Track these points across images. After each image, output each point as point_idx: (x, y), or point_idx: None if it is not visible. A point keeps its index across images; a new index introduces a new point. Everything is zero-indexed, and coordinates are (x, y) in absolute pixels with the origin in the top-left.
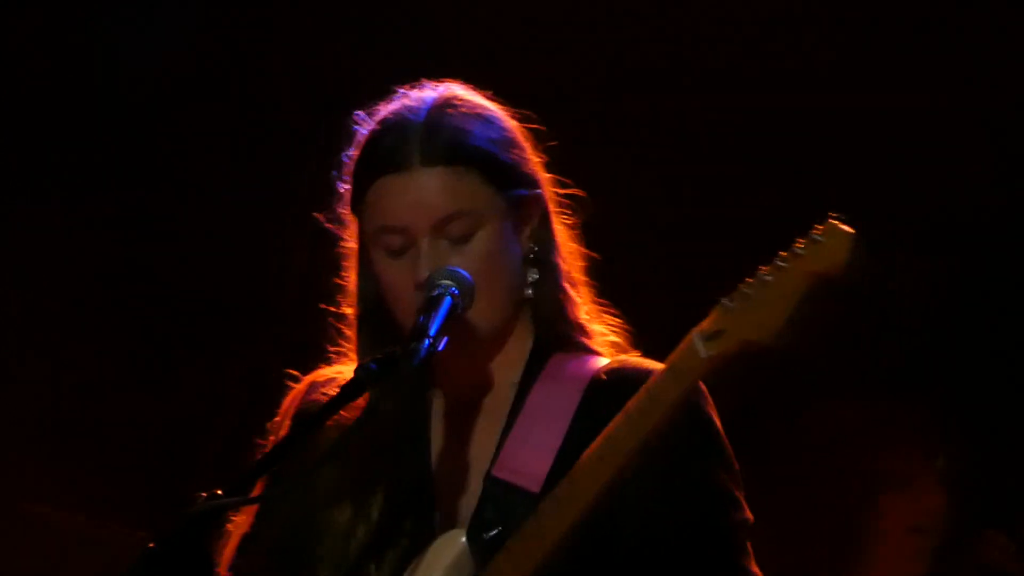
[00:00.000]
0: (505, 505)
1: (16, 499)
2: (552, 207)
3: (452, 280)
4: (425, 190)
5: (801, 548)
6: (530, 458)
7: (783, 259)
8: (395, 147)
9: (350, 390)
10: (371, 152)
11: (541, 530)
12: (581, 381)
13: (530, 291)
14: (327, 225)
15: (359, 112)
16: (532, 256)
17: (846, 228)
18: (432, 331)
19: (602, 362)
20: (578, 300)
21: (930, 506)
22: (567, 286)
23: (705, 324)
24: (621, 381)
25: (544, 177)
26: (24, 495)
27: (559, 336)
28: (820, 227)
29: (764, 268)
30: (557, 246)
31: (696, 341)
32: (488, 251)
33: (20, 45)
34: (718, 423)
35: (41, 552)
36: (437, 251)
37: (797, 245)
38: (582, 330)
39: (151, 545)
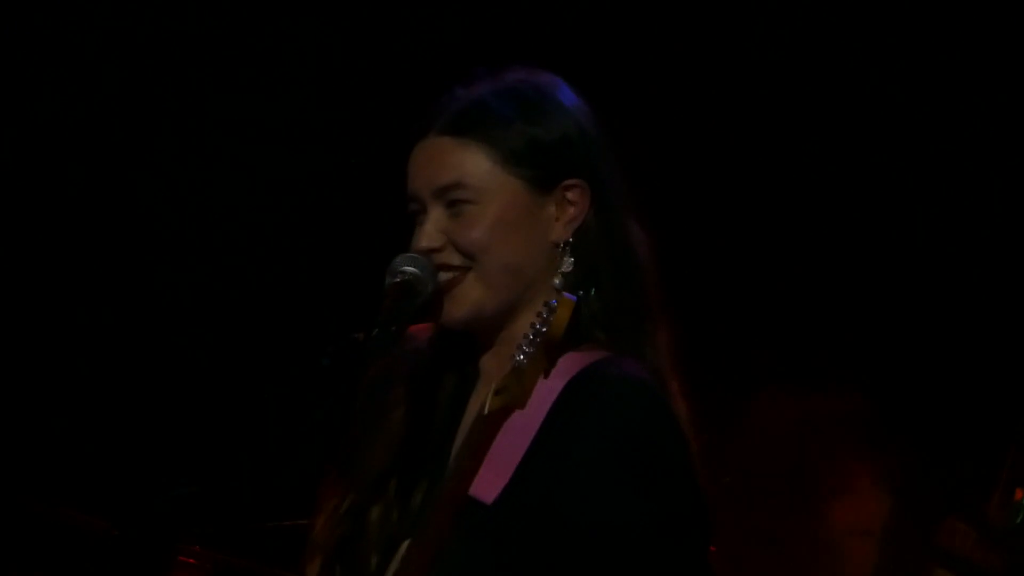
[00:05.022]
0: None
1: None
2: (620, 205)
3: (414, 266)
4: (428, 158)
5: (743, 553)
6: (494, 464)
7: (536, 329)
8: (429, 117)
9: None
10: (417, 124)
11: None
12: (563, 381)
13: (557, 281)
14: None
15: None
16: (566, 245)
17: (570, 297)
18: (389, 320)
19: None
20: (618, 298)
21: (877, 508)
22: (603, 281)
23: (503, 378)
24: (581, 384)
25: (603, 173)
26: None
27: (579, 331)
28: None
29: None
30: (604, 242)
31: (491, 392)
32: (484, 227)
33: None
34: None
35: None
36: (440, 221)
37: (537, 319)
38: (608, 327)
39: None
